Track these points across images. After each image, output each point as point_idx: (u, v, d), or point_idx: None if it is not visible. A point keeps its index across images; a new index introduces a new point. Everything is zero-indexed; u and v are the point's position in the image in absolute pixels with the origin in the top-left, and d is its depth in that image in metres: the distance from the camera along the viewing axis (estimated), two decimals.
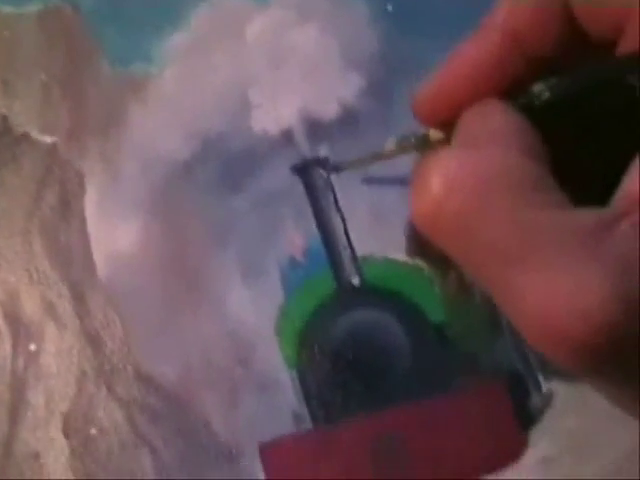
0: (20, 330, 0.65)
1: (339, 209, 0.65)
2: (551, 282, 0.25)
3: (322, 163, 0.66)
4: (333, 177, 0.67)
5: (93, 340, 0.60)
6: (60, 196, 0.63)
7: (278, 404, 0.61)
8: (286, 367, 0.62)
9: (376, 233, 0.61)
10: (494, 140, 0.29)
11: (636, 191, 0.25)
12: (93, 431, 0.61)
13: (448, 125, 0.33)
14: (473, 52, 0.31)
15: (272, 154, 0.62)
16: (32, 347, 0.63)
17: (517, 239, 0.26)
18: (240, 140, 0.61)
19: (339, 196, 0.65)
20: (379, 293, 0.63)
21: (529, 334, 0.26)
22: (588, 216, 0.26)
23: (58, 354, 0.62)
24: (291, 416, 0.63)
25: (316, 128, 0.62)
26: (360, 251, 0.64)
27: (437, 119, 0.32)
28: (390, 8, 0.62)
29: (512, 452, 0.63)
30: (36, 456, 0.64)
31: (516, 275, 0.26)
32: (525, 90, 0.31)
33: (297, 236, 0.59)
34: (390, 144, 0.43)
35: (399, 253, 0.64)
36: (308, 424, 0.63)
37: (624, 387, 0.27)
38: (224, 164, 0.61)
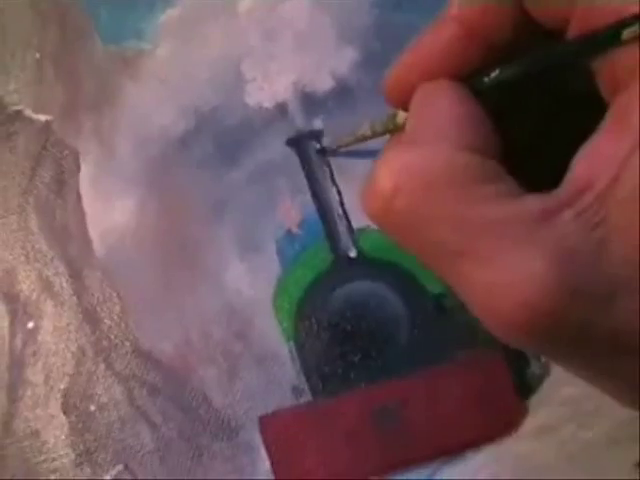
0: (18, 308, 0.65)
1: (334, 181, 0.65)
2: (496, 270, 0.26)
3: (317, 135, 0.66)
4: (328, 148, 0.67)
5: (91, 317, 0.60)
6: (55, 174, 0.63)
7: (277, 377, 0.61)
8: (284, 340, 0.62)
9: None
10: (439, 134, 0.30)
11: (580, 178, 0.26)
12: (92, 407, 0.61)
13: None
14: (431, 40, 0.32)
15: (267, 128, 0.61)
16: (30, 325, 0.63)
17: (462, 233, 0.27)
18: (234, 114, 0.61)
19: (334, 168, 0.65)
20: (376, 264, 0.63)
21: (484, 323, 0.27)
22: (533, 204, 0.26)
23: (56, 331, 0.62)
24: (290, 389, 0.63)
25: (311, 101, 0.62)
26: (356, 223, 0.64)
27: (401, 102, 0.33)
28: None
29: (511, 421, 0.63)
30: (36, 433, 0.64)
31: (464, 268, 0.27)
32: (481, 75, 0.32)
33: (293, 209, 0.59)
34: (365, 127, 0.43)
35: None
36: (307, 396, 0.63)
37: (573, 364, 0.27)
38: (219, 138, 0.61)
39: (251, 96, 0.66)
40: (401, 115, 0.36)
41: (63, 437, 0.62)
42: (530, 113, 0.32)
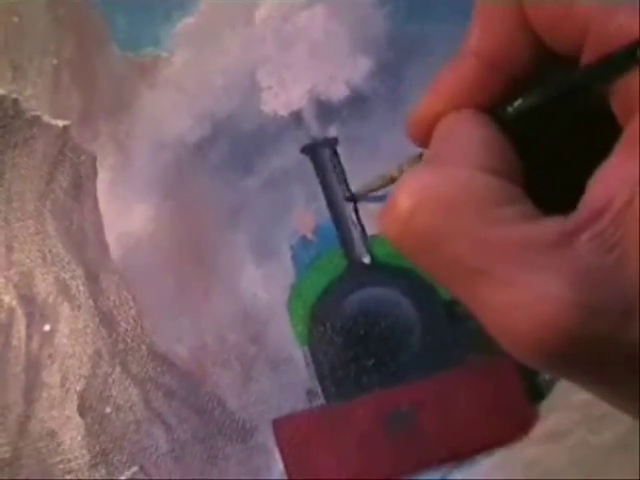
0: (35, 311, 0.66)
1: (349, 188, 0.66)
2: (513, 292, 0.27)
3: (331, 143, 0.67)
4: (343, 158, 0.68)
5: (107, 320, 0.61)
6: (72, 178, 0.64)
7: (291, 381, 0.62)
8: (298, 344, 0.62)
9: None
10: (460, 158, 0.31)
11: (596, 201, 0.27)
12: (108, 409, 0.61)
13: None
14: (452, 76, 0.33)
15: (282, 135, 0.62)
16: (46, 328, 0.63)
17: (480, 254, 0.28)
18: (250, 122, 0.62)
19: (348, 175, 0.66)
20: (390, 271, 0.64)
21: (501, 342, 0.28)
22: (551, 227, 0.27)
23: (72, 334, 0.63)
24: (304, 392, 0.63)
25: (325, 109, 0.63)
26: (370, 230, 0.65)
27: (425, 139, 0.33)
28: None
29: (522, 426, 0.64)
30: (52, 435, 0.65)
31: (481, 288, 0.28)
32: (504, 106, 0.32)
33: (308, 215, 0.60)
34: (394, 170, 0.44)
35: None
36: (321, 400, 0.63)
37: (588, 383, 0.28)
38: (234, 145, 0.62)
39: (266, 104, 0.67)
40: (426, 153, 0.37)
41: (79, 438, 0.63)
42: (545, 136, 0.33)
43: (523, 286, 0.27)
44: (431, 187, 0.29)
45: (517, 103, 0.32)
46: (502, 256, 0.27)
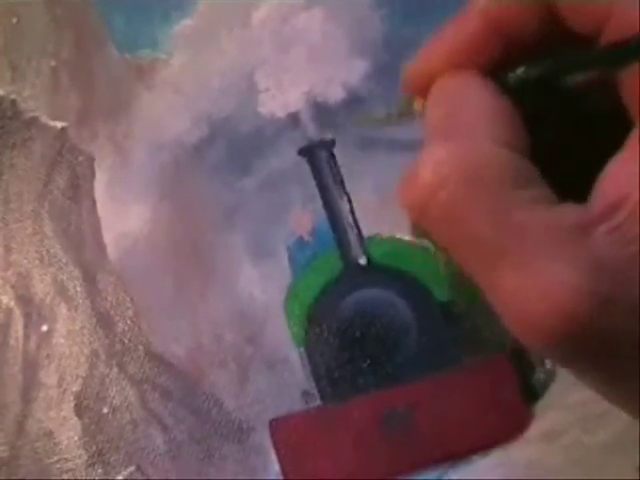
0: (32, 312, 0.66)
1: (345, 190, 0.66)
2: (530, 277, 0.27)
3: (328, 145, 0.67)
4: (339, 158, 0.68)
5: (104, 320, 0.61)
6: (70, 179, 0.64)
7: (287, 382, 0.62)
8: (295, 345, 0.63)
9: (382, 213, 0.62)
10: (478, 128, 0.31)
11: (610, 195, 0.27)
12: (105, 410, 0.62)
13: None
14: (454, 32, 0.33)
15: (279, 137, 0.62)
16: (44, 328, 0.63)
17: (499, 235, 0.28)
18: (247, 123, 0.62)
19: (345, 177, 0.67)
20: (386, 272, 0.64)
21: (509, 323, 0.28)
22: (569, 214, 0.28)
23: (70, 335, 0.63)
24: (300, 393, 0.64)
25: (322, 111, 0.63)
26: (366, 231, 0.66)
27: (420, 90, 0.33)
28: None
29: (517, 426, 0.64)
30: (49, 435, 0.65)
31: (498, 269, 0.28)
32: (505, 71, 0.32)
33: (304, 217, 0.60)
34: (379, 113, 0.44)
35: (405, 233, 0.66)
36: (317, 401, 0.64)
37: (596, 377, 0.29)
38: (232, 147, 0.62)
39: (264, 106, 0.68)
40: (418, 102, 0.37)
41: (76, 438, 0.63)
42: (555, 123, 0.33)
43: (539, 271, 0.27)
44: (455, 160, 0.29)
45: (520, 70, 0.32)
46: (520, 238, 0.28)
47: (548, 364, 0.61)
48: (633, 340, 0.27)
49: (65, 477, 0.62)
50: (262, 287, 0.62)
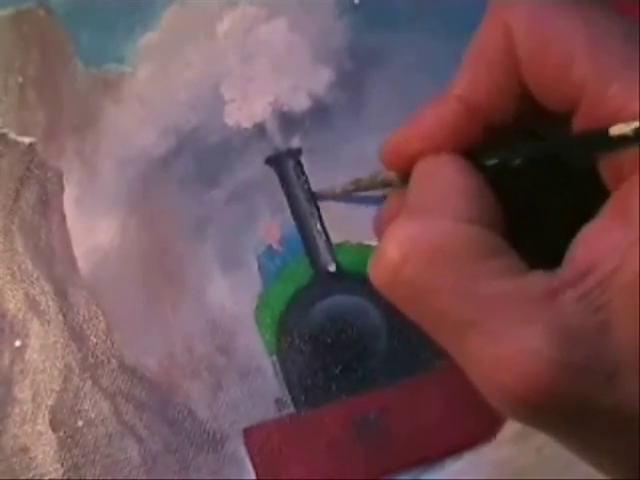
0: (4, 327, 0.66)
1: (313, 198, 0.67)
2: (499, 344, 0.28)
3: (295, 154, 0.68)
4: (306, 166, 0.68)
5: (77, 334, 0.61)
6: (39, 195, 0.64)
7: (260, 390, 0.62)
8: (267, 354, 0.63)
9: (350, 220, 0.63)
10: (443, 207, 0.31)
11: (583, 261, 0.27)
12: (80, 423, 0.62)
13: (409, 174, 0.35)
14: (431, 115, 0.33)
15: (246, 147, 0.63)
16: (17, 343, 0.64)
17: (466, 306, 0.29)
18: (214, 134, 0.62)
19: (312, 185, 0.67)
20: (355, 278, 0.64)
21: (481, 390, 0.29)
22: (536, 282, 0.28)
23: (43, 349, 0.63)
24: (273, 401, 0.64)
25: (288, 121, 0.63)
26: (335, 238, 0.66)
27: (397, 169, 0.34)
28: (357, 1, 0.63)
29: (489, 429, 0.65)
30: (25, 450, 0.65)
31: (467, 340, 0.28)
32: (483, 150, 0.33)
33: (273, 226, 0.60)
34: (353, 183, 0.45)
35: (373, 239, 0.66)
36: (290, 408, 0.64)
37: (568, 442, 0.29)
38: (199, 158, 0.62)
39: (230, 116, 0.68)
40: (394, 178, 0.37)
41: (52, 453, 0.63)
42: (529, 189, 0.33)
43: (508, 340, 0.27)
44: (416, 239, 0.29)
45: (494, 161, 0.32)
46: (488, 308, 0.28)
47: None
48: (603, 408, 0.27)
49: None
50: (233, 297, 0.63)
